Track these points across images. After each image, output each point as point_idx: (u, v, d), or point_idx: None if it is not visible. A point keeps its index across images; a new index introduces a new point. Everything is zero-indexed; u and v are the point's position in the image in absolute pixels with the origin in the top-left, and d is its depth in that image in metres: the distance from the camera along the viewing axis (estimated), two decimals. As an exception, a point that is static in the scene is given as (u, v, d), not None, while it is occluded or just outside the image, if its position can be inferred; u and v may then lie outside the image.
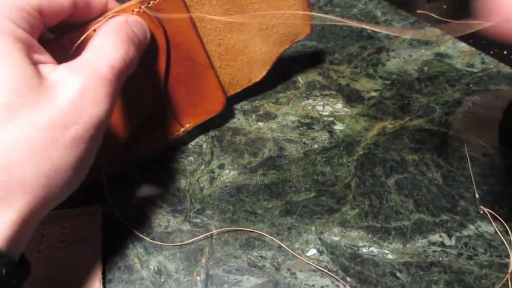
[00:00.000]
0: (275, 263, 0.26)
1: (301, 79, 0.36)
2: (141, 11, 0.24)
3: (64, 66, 0.19)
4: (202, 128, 0.32)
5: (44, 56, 0.19)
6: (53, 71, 0.18)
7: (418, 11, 0.42)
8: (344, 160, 0.31)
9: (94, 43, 0.21)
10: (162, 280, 0.25)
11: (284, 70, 0.36)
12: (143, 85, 0.26)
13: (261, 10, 0.29)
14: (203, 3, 0.27)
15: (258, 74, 0.32)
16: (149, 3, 0.24)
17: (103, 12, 0.23)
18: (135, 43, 0.22)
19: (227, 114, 0.33)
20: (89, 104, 0.18)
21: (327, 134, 0.32)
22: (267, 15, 0.29)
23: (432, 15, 0.41)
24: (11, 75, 0.16)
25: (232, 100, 0.34)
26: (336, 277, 0.25)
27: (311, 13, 0.30)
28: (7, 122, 0.16)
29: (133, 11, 0.23)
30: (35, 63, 0.18)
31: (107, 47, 0.20)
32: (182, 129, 0.30)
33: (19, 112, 0.16)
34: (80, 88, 0.18)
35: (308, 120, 0.33)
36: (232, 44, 0.30)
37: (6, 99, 0.16)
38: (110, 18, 0.22)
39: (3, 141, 0.16)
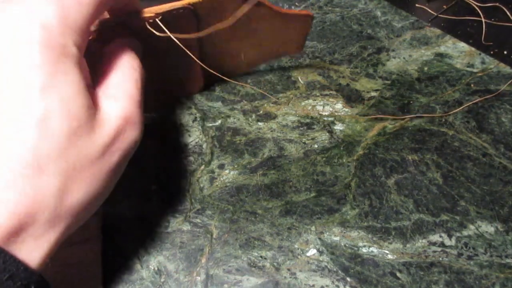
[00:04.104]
0: (275, 263, 0.26)
1: (301, 79, 0.36)
2: (154, 23, 0.24)
3: (104, 91, 0.20)
4: (202, 128, 0.32)
5: (88, 79, 0.20)
6: (99, 97, 0.19)
7: (416, 5, 0.42)
8: (344, 160, 0.31)
9: (116, 64, 0.21)
10: (162, 280, 0.25)
11: (284, 70, 0.36)
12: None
13: (265, 31, 0.31)
14: (213, 18, 0.28)
15: (237, 72, 0.35)
16: (163, 16, 0.25)
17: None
18: (138, 57, 0.23)
19: (226, 114, 0.33)
20: (129, 130, 0.19)
21: (327, 134, 0.32)
22: (267, 38, 0.32)
23: (432, 12, 0.41)
24: (77, 105, 0.17)
25: (233, 101, 0.34)
26: (336, 277, 0.25)
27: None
28: (67, 149, 0.17)
29: (147, 21, 0.24)
30: (88, 89, 0.18)
31: (129, 67, 0.21)
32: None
33: (77, 142, 0.17)
34: (122, 115, 0.19)
35: (308, 120, 0.33)
36: (227, 50, 0.32)
37: (69, 129, 0.17)
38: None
39: (61, 168, 0.17)
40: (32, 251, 0.16)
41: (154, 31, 0.24)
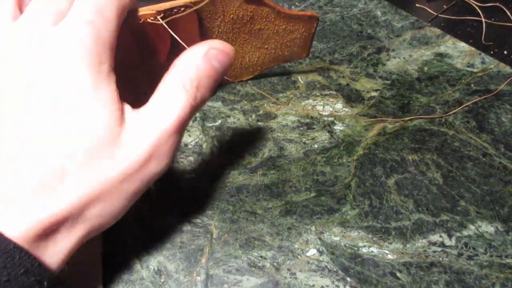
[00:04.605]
0: (275, 263, 0.26)
1: (301, 79, 0.36)
2: (156, 20, 0.24)
3: (136, 118, 0.18)
4: (202, 128, 0.32)
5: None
6: (129, 115, 0.18)
7: (417, 5, 0.42)
8: (344, 160, 0.31)
9: (165, 87, 0.19)
10: (162, 280, 0.25)
11: (284, 70, 0.36)
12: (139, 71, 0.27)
13: (269, 33, 0.31)
14: (215, 18, 0.28)
15: (244, 77, 0.35)
16: (165, 14, 0.25)
17: None
18: (212, 83, 0.20)
19: (226, 114, 0.33)
20: (153, 164, 0.19)
21: (327, 134, 0.32)
22: (271, 40, 0.32)
23: (432, 12, 0.41)
24: (104, 124, 0.18)
25: (233, 101, 0.34)
26: (336, 277, 0.25)
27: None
28: (86, 168, 0.17)
29: (147, 19, 0.24)
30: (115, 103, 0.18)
31: (178, 96, 0.19)
32: None
33: (96, 163, 0.17)
34: (149, 149, 0.18)
35: (308, 120, 0.33)
36: None
37: (90, 149, 0.17)
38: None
39: (79, 185, 0.17)
40: (52, 254, 0.17)
41: (151, 20, 0.24)
